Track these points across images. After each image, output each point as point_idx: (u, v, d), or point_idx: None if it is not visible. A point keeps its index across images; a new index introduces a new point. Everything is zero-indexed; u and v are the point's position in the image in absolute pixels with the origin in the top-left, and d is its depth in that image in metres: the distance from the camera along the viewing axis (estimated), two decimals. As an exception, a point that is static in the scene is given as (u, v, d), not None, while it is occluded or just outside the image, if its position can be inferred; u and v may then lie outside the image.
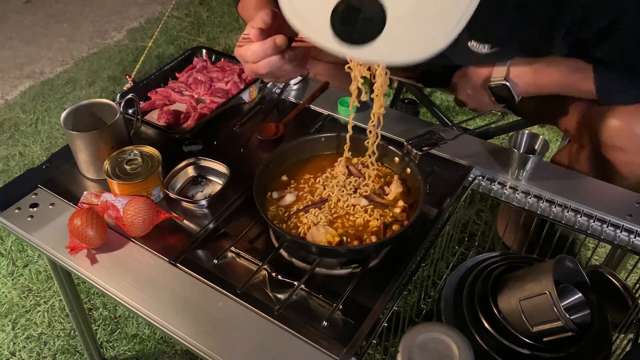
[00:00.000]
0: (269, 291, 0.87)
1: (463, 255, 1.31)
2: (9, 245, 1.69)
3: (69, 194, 1.04)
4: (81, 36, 2.89)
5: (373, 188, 0.98)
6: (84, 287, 1.55)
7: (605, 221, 0.97)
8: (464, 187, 1.05)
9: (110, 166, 1.00)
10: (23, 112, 2.31)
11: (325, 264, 0.90)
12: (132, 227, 0.93)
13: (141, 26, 2.95)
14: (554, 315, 0.80)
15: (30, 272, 1.62)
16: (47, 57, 2.73)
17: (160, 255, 0.93)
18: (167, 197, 1.02)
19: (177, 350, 1.40)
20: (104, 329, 1.46)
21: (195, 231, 0.97)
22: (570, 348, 0.83)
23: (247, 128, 1.20)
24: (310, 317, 0.83)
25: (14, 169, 2.01)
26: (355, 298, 0.85)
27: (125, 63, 2.62)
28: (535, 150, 1.03)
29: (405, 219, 0.93)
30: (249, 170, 0.98)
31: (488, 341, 0.86)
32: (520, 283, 0.86)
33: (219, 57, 1.41)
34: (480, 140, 1.15)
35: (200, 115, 1.20)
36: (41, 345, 1.44)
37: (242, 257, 0.92)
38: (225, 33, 2.81)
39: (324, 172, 1.01)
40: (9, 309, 1.53)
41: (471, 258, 1.05)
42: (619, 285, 0.96)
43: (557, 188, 1.02)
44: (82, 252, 0.93)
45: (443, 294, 0.97)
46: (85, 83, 2.49)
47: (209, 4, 3.07)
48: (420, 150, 1.01)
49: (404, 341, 0.75)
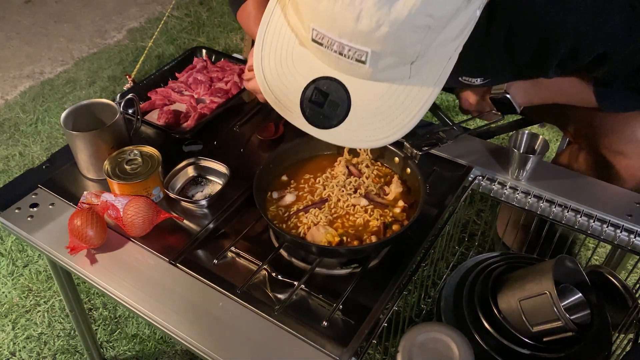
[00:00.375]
0: (269, 291, 0.87)
1: (463, 255, 1.31)
2: (9, 245, 1.69)
3: (69, 194, 1.04)
4: (81, 36, 2.89)
5: (372, 188, 0.98)
6: (84, 287, 1.55)
7: (605, 221, 0.97)
8: (464, 187, 1.05)
9: (110, 166, 1.00)
10: (23, 112, 2.31)
11: (325, 264, 0.90)
12: (132, 227, 0.93)
13: (141, 26, 2.95)
14: (554, 315, 0.80)
15: (30, 272, 1.62)
16: (47, 57, 2.73)
17: (160, 255, 0.93)
18: (167, 197, 1.02)
19: (177, 350, 1.40)
20: (104, 329, 1.46)
21: (195, 231, 0.97)
22: (570, 348, 0.83)
23: (247, 128, 1.21)
24: (310, 317, 0.83)
25: (14, 169, 2.01)
26: (355, 298, 0.85)
27: (125, 63, 2.62)
28: (535, 150, 1.03)
29: (405, 219, 0.93)
30: (249, 170, 0.98)
31: (488, 341, 0.86)
32: (520, 283, 0.86)
33: (219, 57, 1.41)
34: (480, 140, 1.15)
35: (200, 115, 1.20)
36: (41, 345, 1.44)
37: (242, 257, 0.92)
38: (225, 33, 2.81)
39: (324, 172, 1.01)
40: (9, 309, 1.53)
41: (471, 258, 1.05)
42: (619, 285, 0.96)
43: (557, 188, 1.02)
44: (82, 252, 0.93)
45: (443, 294, 0.97)
46: (85, 83, 2.49)
47: (209, 4, 3.07)
48: (420, 150, 1.01)
49: (404, 341, 0.75)
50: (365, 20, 0.61)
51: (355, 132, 0.72)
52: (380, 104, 0.71)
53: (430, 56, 0.67)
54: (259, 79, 0.76)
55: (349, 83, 0.70)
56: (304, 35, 0.69)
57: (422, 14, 0.61)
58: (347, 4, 0.61)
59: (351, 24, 0.62)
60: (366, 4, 0.60)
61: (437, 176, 1.07)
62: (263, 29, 0.77)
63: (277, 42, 0.75)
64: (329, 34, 0.65)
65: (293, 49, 0.73)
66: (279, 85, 0.74)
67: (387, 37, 0.62)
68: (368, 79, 0.69)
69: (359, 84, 0.70)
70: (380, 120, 0.72)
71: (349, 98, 0.70)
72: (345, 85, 0.70)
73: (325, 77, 0.70)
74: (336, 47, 0.66)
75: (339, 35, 0.64)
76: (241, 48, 2.62)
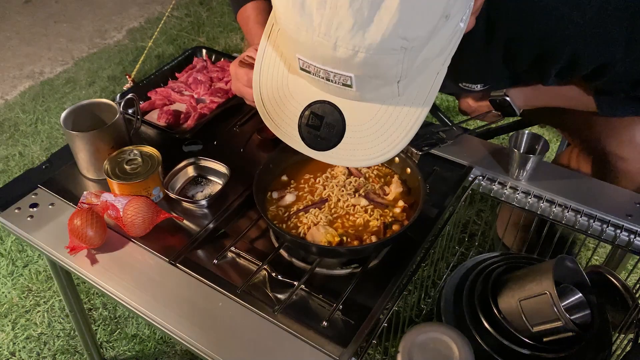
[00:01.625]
0: (269, 291, 0.87)
1: (463, 255, 1.31)
2: (8, 245, 1.69)
3: (69, 194, 1.04)
4: (81, 36, 2.89)
5: (372, 188, 0.98)
6: (84, 287, 1.55)
7: (606, 221, 0.97)
8: (464, 187, 1.05)
9: (110, 166, 0.99)
10: (23, 112, 2.31)
11: (325, 264, 0.90)
12: (132, 227, 0.93)
13: (141, 26, 2.95)
14: (554, 315, 0.80)
15: (30, 272, 1.62)
16: (47, 57, 2.73)
17: (160, 255, 0.93)
18: (167, 197, 1.02)
19: (177, 350, 1.40)
20: (104, 329, 1.46)
21: (195, 231, 0.97)
22: (570, 348, 0.83)
23: (247, 128, 1.20)
24: (310, 317, 0.83)
25: (14, 169, 2.01)
26: (355, 298, 0.85)
27: (125, 63, 2.62)
28: (535, 150, 1.03)
29: (405, 219, 0.93)
30: (249, 170, 0.98)
31: (488, 341, 0.86)
32: (521, 283, 0.86)
33: (219, 57, 1.41)
34: (481, 140, 1.15)
35: (200, 115, 1.20)
36: (41, 345, 1.44)
37: (242, 257, 0.92)
38: (225, 33, 2.81)
39: (324, 172, 1.01)
40: (8, 309, 1.53)
41: (471, 258, 1.05)
42: (619, 285, 0.96)
43: (557, 188, 1.02)
44: (82, 252, 0.93)
45: (443, 294, 0.97)
46: (85, 83, 2.49)
47: (209, 4, 3.07)
48: (420, 150, 1.01)
49: (404, 341, 0.75)
50: (342, 49, 0.63)
51: (352, 152, 0.74)
52: (373, 123, 0.73)
53: (415, 74, 0.68)
54: (259, 106, 0.79)
55: (341, 105, 0.72)
56: (294, 65, 0.72)
57: (396, 37, 0.61)
58: (323, 33, 0.63)
59: (330, 52, 0.63)
60: (341, 32, 0.62)
61: (437, 176, 1.07)
62: (260, 58, 0.80)
63: (273, 70, 0.78)
64: (313, 62, 0.67)
65: (288, 76, 0.76)
66: (277, 112, 0.78)
67: (366, 62, 0.63)
68: (359, 101, 0.71)
69: (350, 105, 0.72)
70: (374, 139, 0.73)
71: (344, 119, 0.73)
72: (338, 107, 0.72)
73: (319, 101, 0.73)
74: (322, 74, 0.68)
75: (322, 63, 0.66)
76: (241, 48, 2.63)
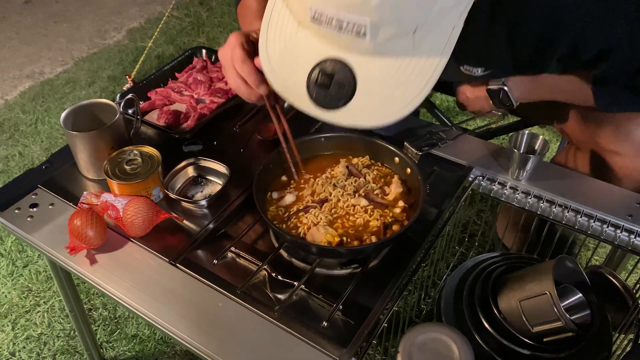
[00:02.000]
0: (269, 291, 0.87)
1: (463, 255, 1.31)
2: (8, 245, 1.69)
3: (69, 194, 1.04)
4: (81, 36, 2.89)
5: (372, 188, 0.98)
6: (84, 287, 1.55)
7: (606, 221, 0.97)
8: (464, 187, 1.05)
9: (110, 166, 0.99)
10: (23, 112, 2.31)
11: (325, 264, 0.90)
12: (132, 227, 0.93)
13: (141, 26, 2.95)
14: (554, 316, 0.80)
15: (30, 272, 1.62)
16: (47, 57, 2.73)
17: (160, 255, 0.93)
18: (167, 197, 1.02)
19: (177, 351, 1.40)
20: (104, 329, 1.46)
21: (195, 231, 0.97)
22: (571, 348, 0.83)
23: (247, 128, 1.20)
24: (310, 317, 0.83)
25: (14, 169, 2.01)
26: (355, 298, 0.85)
27: (125, 63, 2.62)
28: (535, 150, 1.03)
29: (405, 219, 0.93)
30: (249, 170, 0.98)
31: (488, 341, 0.86)
32: (521, 283, 0.86)
33: (218, 57, 1.40)
34: (480, 140, 1.15)
35: (200, 115, 1.20)
36: (41, 345, 1.44)
37: (242, 257, 0.92)
38: (225, 33, 2.81)
39: (324, 172, 1.01)
40: (8, 309, 1.53)
41: (471, 258, 1.05)
42: (619, 285, 0.96)
43: (557, 188, 1.02)
44: (82, 252, 0.93)
45: (443, 294, 0.97)
46: (85, 83, 2.49)
47: (209, 4, 3.07)
48: (420, 150, 1.01)
49: (404, 341, 0.75)
50: None
51: (362, 111, 0.72)
52: (386, 79, 0.70)
53: (432, 25, 0.67)
54: (265, 68, 0.77)
55: (353, 61, 0.70)
56: (304, 17, 0.70)
57: None
58: None
59: None
60: None
61: (437, 176, 1.07)
62: (267, 19, 0.77)
63: (280, 31, 0.76)
64: (327, 9, 0.65)
65: (297, 36, 0.74)
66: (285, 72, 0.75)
67: (383, 3, 0.62)
68: (371, 54, 0.69)
69: (362, 61, 0.70)
70: (387, 97, 0.71)
71: (354, 77, 0.70)
72: (349, 63, 0.70)
73: (330, 59, 0.71)
74: (335, 22, 0.66)
75: (336, 7, 0.64)
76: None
